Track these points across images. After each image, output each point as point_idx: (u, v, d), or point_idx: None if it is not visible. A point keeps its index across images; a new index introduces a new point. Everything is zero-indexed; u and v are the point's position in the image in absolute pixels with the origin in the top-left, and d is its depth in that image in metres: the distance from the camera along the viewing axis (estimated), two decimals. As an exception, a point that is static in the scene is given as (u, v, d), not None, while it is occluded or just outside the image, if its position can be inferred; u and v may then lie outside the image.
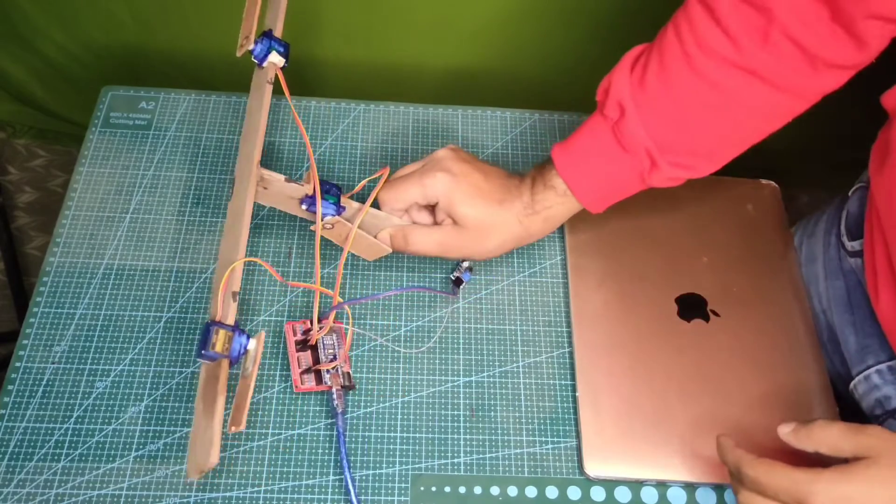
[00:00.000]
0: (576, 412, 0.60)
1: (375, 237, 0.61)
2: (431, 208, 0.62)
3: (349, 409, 0.59)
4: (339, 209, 0.58)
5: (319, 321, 0.59)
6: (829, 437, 0.48)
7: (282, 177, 0.57)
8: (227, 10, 0.92)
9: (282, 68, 0.60)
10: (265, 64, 0.59)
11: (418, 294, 0.64)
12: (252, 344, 0.49)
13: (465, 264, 0.65)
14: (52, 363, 0.59)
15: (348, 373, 0.59)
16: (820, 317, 0.67)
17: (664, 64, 0.55)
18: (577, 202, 0.60)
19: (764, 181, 0.73)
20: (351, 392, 0.59)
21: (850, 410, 0.64)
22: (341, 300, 0.61)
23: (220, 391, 0.48)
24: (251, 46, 0.58)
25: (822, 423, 0.49)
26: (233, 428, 0.46)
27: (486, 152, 0.73)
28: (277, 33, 0.61)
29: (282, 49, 0.59)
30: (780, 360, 0.62)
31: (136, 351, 0.60)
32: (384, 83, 1.00)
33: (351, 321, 0.61)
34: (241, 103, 0.74)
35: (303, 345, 0.59)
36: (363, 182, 0.63)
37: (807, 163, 1.10)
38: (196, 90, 0.75)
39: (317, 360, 0.59)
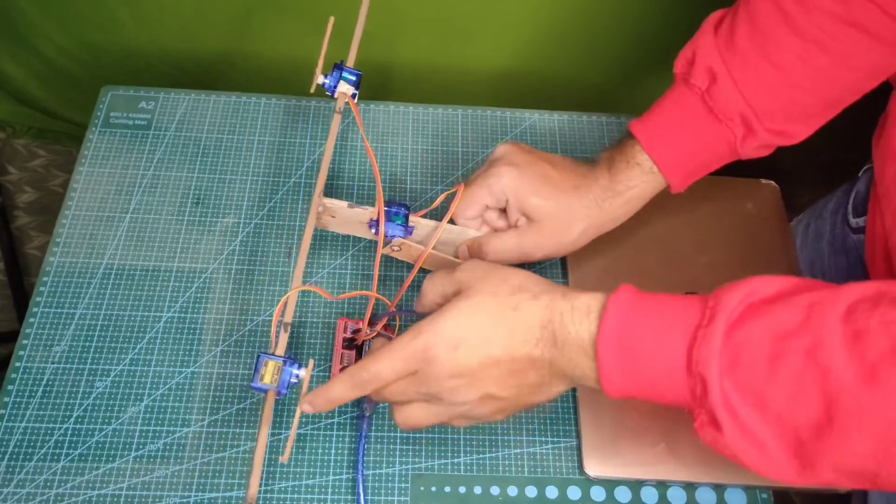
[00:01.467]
0: (576, 412, 0.60)
1: (456, 255, 0.60)
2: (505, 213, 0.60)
3: (349, 409, 0.59)
4: (408, 230, 0.58)
5: (371, 325, 0.59)
6: (435, 287, 0.49)
7: (344, 203, 0.57)
8: (227, 11, 0.92)
9: (353, 96, 0.61)
10: (336, 95, 0.61)
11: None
12: (303, 373, 0.50)
13: None
14: (52, 363, 0.59)
15: None
16: None
17: (756, 24, 0.53)
18: (661, 180, 0.57)
19: (764, 181, 0.73)
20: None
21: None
22: (395, 310, 0.60)
23: (264, 422, 0.49)
24: (320, 81, 0.60)
25: (428, 278, 0.50)
26: (282, 458, 0.48)
27: (486, 152, 0.73)
28: (350, 63, 0.62)
29: (353, 78, 0.61)
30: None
31: (136, 351, 0.60)
32: (384, 83, 1.00)
33: (398, 329, 0.61)
34: (241, 103, 0.74)
35: (349, 343, 0.59)
36: (440, 198, 0.61)
37: (807, 161, 1.10)
38: (196, 90, 0.75)
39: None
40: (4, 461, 0.55)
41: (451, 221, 0.60)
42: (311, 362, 0.50)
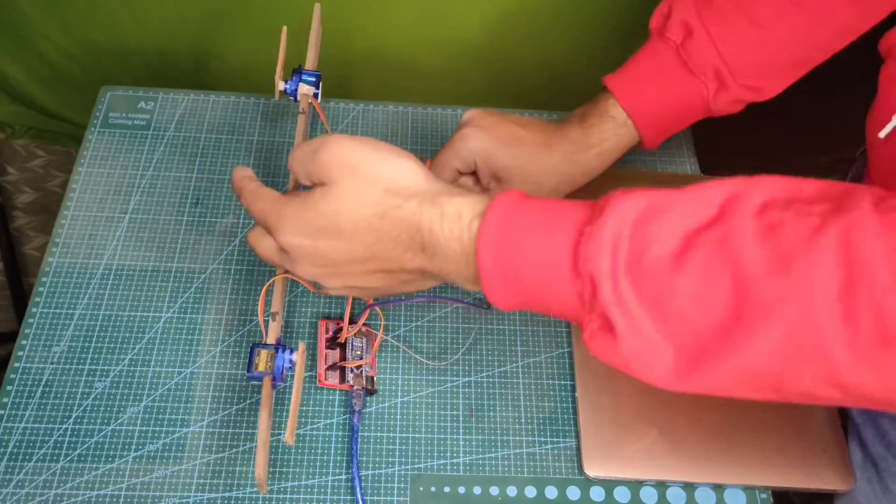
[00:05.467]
0: (575, 412, 0.60)
1: None
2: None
3: (349, 410, 0.59)
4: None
5: (351, 322, 0.59)
6: (299, 161, 0.46)
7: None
8: (226, 11, 0.92)
9: (315, 96, 0.63)
10: (298, 97, 0.63)
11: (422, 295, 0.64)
12: (296, 357, 0.51)
13: None
14: (51, 363, 0.59)
15: (372, 377, 0.59)
16: None
17: None
18: (634, 134, 0.58)
19: (763, 181, 0.73)
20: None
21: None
22: (373, 302, 0.61)
23: (263, 406, 0.50)
24: (281, 87, 0.62)
25: (294, 149, 0.47)
26: (287, 440, 0.48)
27: (486, 152, 0.73)
28: (312, 66, 0.64)
29: (312, 79, 0.62)
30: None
31: (135, 351, 0.60)
32: (384, 83, 1.00)
33: (382, 327, 0.61)
34: (240, 103, 0.74)
35: (332, 342, 0.59)
36: None
37: (805, 162, 1.10)
38: (195, 90, 0.75)
39: (343, 359, 0.59)
40: (4, 461, 0.55)
41: None
42: (302, 346, 0.50)
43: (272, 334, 0.53)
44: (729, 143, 1.05)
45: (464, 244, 0.41)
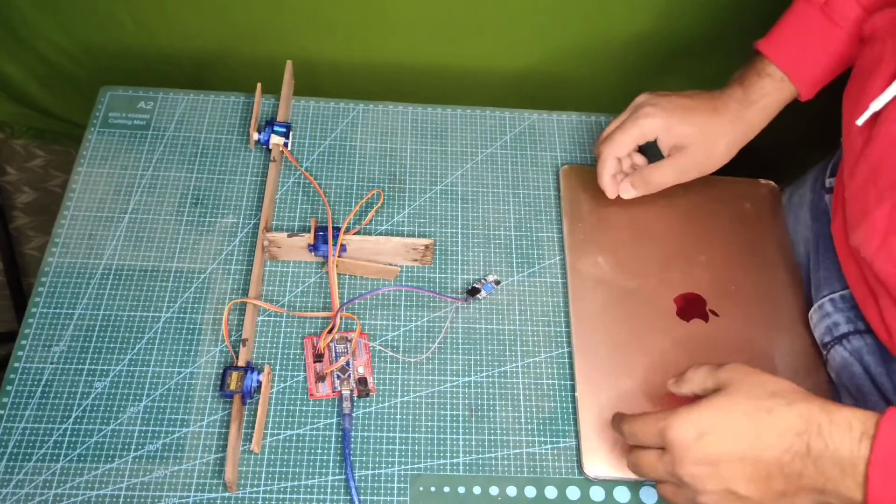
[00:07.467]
0: (575, 412, 0.60)
1: (390, 262, 0.65)
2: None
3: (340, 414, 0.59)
4: (338, 247, 0.64)
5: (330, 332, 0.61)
6: (698, 377, 0.52)
7: (283, 234, 0.64)
8: (226, 11, 0.92)
9: (285, 145, 0.70)
10: (271, 146, 0.70)
11: (417, 295, 0.64)
12: (262, 377, 0.57)
13: (491, 277, 0.65)
14: (51, 363, 0.59)
15: (362, 378, 0.59)
16: (804, 262, 0.68)
17: None
18: (791, 88, 0.63)
19: (762, 180, 0.73)
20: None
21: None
22: (338, 307, 0.62)
23: (234, 418, 0.56)
24: (255, 138, 0.70)
25: (693, 367, 0.53)
26: (253, 448, 0.55)
27: (486, 152, 0.73)
28: (283, 118, 0.71)
29: (283, 129, 0.70)
30: (778, 360, 0.62)
31: (135, 351, 0.60)
32: (384, 83, 1.00)
33: (359, 328, 0.61)
34: (240, 103, 0.74)
35: (319, 357, 0.60)
36: (371, 215, 0.67)
37: (804, 161, 1.10)
38: (194, 90, 0.75)
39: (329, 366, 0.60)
40: (3, 461, 0.55)
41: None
42: (267, 368, 0.57)
43: (243, 358, 0.58)
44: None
45: (855, 456, 0.43)
